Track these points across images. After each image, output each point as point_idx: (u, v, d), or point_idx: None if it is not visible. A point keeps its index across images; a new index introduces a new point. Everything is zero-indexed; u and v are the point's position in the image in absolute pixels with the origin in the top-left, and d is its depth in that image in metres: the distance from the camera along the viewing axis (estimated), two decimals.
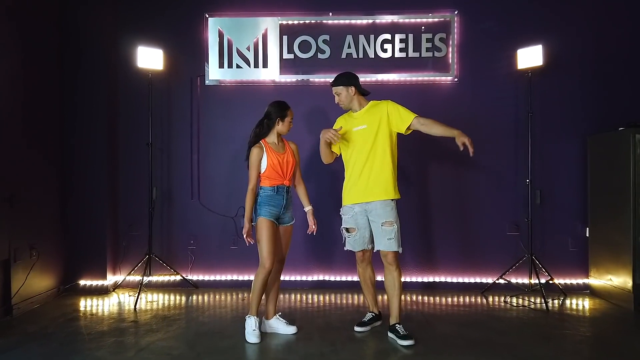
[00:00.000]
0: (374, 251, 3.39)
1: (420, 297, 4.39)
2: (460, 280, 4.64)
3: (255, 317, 3.25)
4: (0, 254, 3.67)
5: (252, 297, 3.23)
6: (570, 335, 3.36)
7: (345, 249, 3.48)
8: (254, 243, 3.26)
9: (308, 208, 3.45)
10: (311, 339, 3.28)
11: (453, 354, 2.98)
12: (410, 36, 4.64)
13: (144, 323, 3.65)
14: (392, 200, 3.28)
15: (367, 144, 3.30)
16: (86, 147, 4.53)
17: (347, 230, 3.40)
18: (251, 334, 3.20)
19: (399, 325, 3.24)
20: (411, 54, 4.65)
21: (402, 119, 3.31)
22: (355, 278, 4.54)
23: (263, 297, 3.30)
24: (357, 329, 3.44)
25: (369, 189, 3.27)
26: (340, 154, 3.51)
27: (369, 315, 3.53)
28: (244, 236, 3.24)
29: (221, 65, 4.71)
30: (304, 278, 4.71)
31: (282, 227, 3.34)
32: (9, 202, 3.73)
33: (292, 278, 4.70)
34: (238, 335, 3.29)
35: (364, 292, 3.58)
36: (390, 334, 3.27)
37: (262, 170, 3.28)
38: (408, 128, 3.32)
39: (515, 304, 4.14)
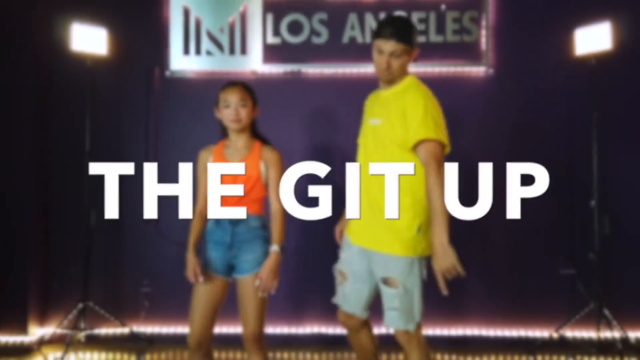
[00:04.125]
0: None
1: (446, 356, 3.31)
2: (500, 333, 3.53)
3: None
4: None
5: None
6: None
7: (332, 301, 2.35)
8: None
9: (273, 248, 2.24)
10: None
11: None
12: (432, 15, 3.60)
13: None
14: (411, 258, 2.07)
15: (377, 151, 2.13)
16: (6, 156, 3.44)
17: (339, 273, 2.28)
18: None
19: None
20: (433, 38, 3.61)
21: (415, 132, 2.03)
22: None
23: None
24: None
25: (372, 229, 2.11)
26: None
27: None
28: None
29: (187, 52, 3.65)
30: (293, 331, 3.59)
31: (240, 279, 2.23)
32: None
33: (278, 330, 3.58)
34: None
35: None
36: None
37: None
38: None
39: None
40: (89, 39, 3.32)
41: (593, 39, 3.23)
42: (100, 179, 3.54)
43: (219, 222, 2.26)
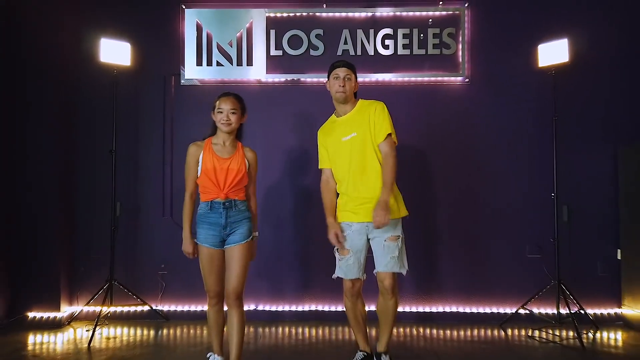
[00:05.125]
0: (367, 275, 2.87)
1: (427, 330, 3.77)
2: (474, 310, 4.01)
3: (215, 354, 2.85)
4: None
5: (208, 332, 2.93)
6: None
7: (334, 276, 2.89)
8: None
9: (255, 233, 2.83)
10: None
11: None
12: (415, 31, 4.09)
13: (114, 351, 3.00)
14: (396, 219, 2.79)
15: (360, 154, 2.79)
16: (36, 158, 3.89)
17: (339, 251, 2.83)
18: None
19: (385, 356, 2.87)
20: (416, 51, 4.09)
21: (378, 133, 2.79)
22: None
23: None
24: None
25: (371, 209, 2.71)
26: None
27: (359, 356, 2.94)
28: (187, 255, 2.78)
29: (199, 63, 4.11)
30: (293, 308, 4.05)
31: (228, 248, 2.72)
32: None
33: (280, 308, 4.05)
34: None
35: (354, 329, 2.98)
36: None
37: (198, 176, 2.77)
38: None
39: (541, 339, 3.52)
40: (114, 52, 3.78)
41: (553, 53, 3.71)
42: (124, 174, 4.06)
43: (213, 207, 2.70)
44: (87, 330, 3.70)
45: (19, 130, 3.88)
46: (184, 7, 4.11)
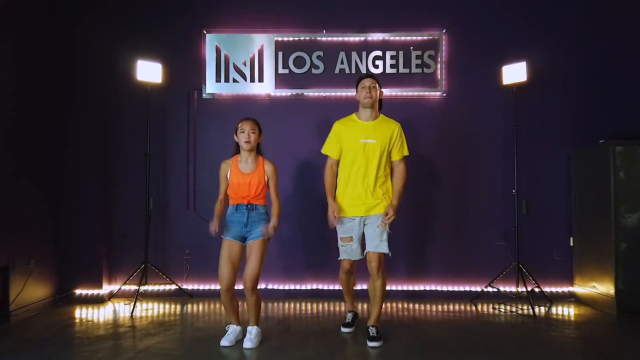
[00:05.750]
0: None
1: (411, 305, 4.50)
2: (450, 288, 4.76)
3: (235, 325, 3.39)
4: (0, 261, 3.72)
5: (225, 311, 3.45)
6: (557, 338, 3.49)
7: (340, 258, 3.53)
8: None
9: (273, 220, 3.35)
10: (307, 342, 3.36)
11: (447, 356, 3.09)
12: (401, 53, 4.84)
13: (141, 328, 3.71)
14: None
15: (374, 159, 3.38)
16: (80, 159, 4.60)
17: (343, 240, 3.46)
18: (224, 338, 3.31)
19: (372, 328, 3.35)
20: (401, 69, 4.84)
21: (398, 152, 3.46)
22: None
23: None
24: (343, 329, 3.62)
25: (372, 204, 3.38)
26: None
27: (350, 316, 3.73)
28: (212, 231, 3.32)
29: (218, 80, 4.85)
30: (297, 287, 4.80)
31: (249, 243, 3.32)
32: (5, 210, 3.80)
33: (287, 287, 4.79)
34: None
35: (345, 295, 3.78)
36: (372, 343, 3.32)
37: (227, 187, 3.41)
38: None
39: (503, 311, 4.26)
40: (148, 71, 4.51)
41: (514, 73, 4.46)
42: (154, 174, 4.78)
43: (238, 208, 3.33)
44: (125, 304, 4.44)
45: (68, 137, 4.59)
46: (205, 32, 4.84)
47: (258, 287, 3.31)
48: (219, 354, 3.13)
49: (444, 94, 4.83)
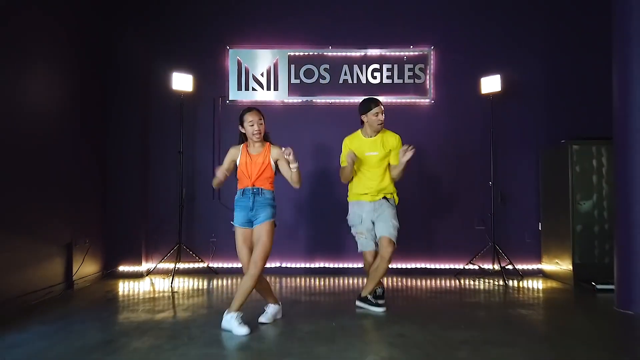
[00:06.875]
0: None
1: (403, 280, 5.32)
2: (437, 266, 5.60)
3: (271, 304, 3.58)
4: (65, 239, 4.53)
5: (259, 293, 3.57)
6: (525, 302, 4.33)
7: (359, 251, 3.98)
8: None
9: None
10: (318, 317, 4.00)
11: (438, 319, 3.74)
12: (395, 66, 5.68)
13: (182, 293, 4.53)
14: (395, 204, 4.03)
15: (380, 168, 3.95)
16: (124, 156, 5.43)
17: (358, 234, 3.93)
18: (262, 315, 3.49)
19: (370, 297, 3.88)
20: (396, 80, 5.68)
21: (397, 159, 3.92)
22: (351, 265, 5.50)
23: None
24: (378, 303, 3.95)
25: (380, 193, 3.93)
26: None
27: (379, 291, 4.06)
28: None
29: (239, 88, 5.68)
30: (308, 265, 5.62)
31: (256, 227, 3.35)
32: (70, 197, 4.62)
33: (298, 265, 5.61)
34: (260, 303, 4.15)
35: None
36: (361, 304, 3.89)
37: (228, 167, 3.47)
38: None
39: (482, 283, 5.09)
40: (181, 81, 5.32)
41: (491, 84, 5.29)
42: (186, 168, 5.58)
43: (245, 193, 3.38)
44: (163, 279, 5.24)
45: (114, 137, 5.40)
46: (228, 48, 5.67)
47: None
48: (251, 307, 3.93)
49: (432, 101, 5.67)
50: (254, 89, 5.68)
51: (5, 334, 3.09)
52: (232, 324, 3.16)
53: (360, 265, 4.60)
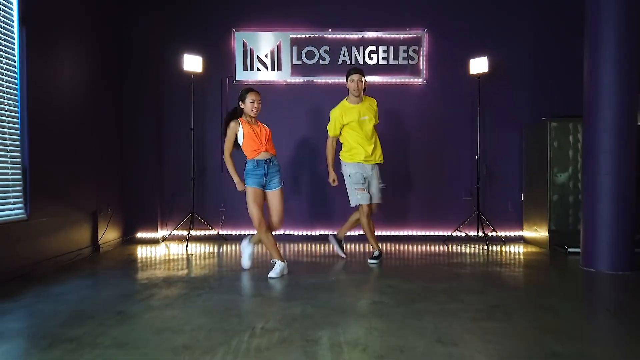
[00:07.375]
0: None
1: (397, 245, 5.84)
2: (428, 233, 6.12)
3: (278, 261, 4.01)
4: (92, 207, 5.03)
5: (268, 249, 4.12)
6: (507, 262, 4.86)
7: (357, 204, 4.64)
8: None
9: None
10: (318, 275, 4.69)
11: (424, 275, 4.37)
12: (391, 48, 6.09)
13: (197, 256, 5.05)
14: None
15: (370, 129, 4.60)
16: (139, 132, 5.88)
17: (358, 190, 4.56)
18: (272, 270, 3.98)
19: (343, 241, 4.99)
20: (391, 61, 6.10)
21: (376, 119, 4.70)
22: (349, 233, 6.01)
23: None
24: (371, 262, 4.61)
25: (375, 157, 4.65)
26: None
27: (376, 252, 4.72)
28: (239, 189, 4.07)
29: (245, 69, 6.09)
30: (309, 232, 6.14)
31: (270, 192, 4.03)
32: (95, 170, 5.10)
33: (299, 232, 6.13)
34: (269, 264, 4.68)
35: (369, 237, 4.72)
36: (332, 240, 5.00)
37: (241, 143, 3.95)
38: None
39: (467, 248, 5.62)
40: (192, 63, 5.74)
41: (479, 65, 5.72)
42: (197, 144, 6.04)
43: (259, 164, 3.95)
44: (178, 245, 5.76)
45: (128, 115, 5.85)
46: (235, 31, 6.07)
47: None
48: (261, 265, 4.46)
49: (425, 81, 6.10)
50: (258, 70, 6.10)
51: (50, 287, 3.61)
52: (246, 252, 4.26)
53: (355, 232, 5.12)
